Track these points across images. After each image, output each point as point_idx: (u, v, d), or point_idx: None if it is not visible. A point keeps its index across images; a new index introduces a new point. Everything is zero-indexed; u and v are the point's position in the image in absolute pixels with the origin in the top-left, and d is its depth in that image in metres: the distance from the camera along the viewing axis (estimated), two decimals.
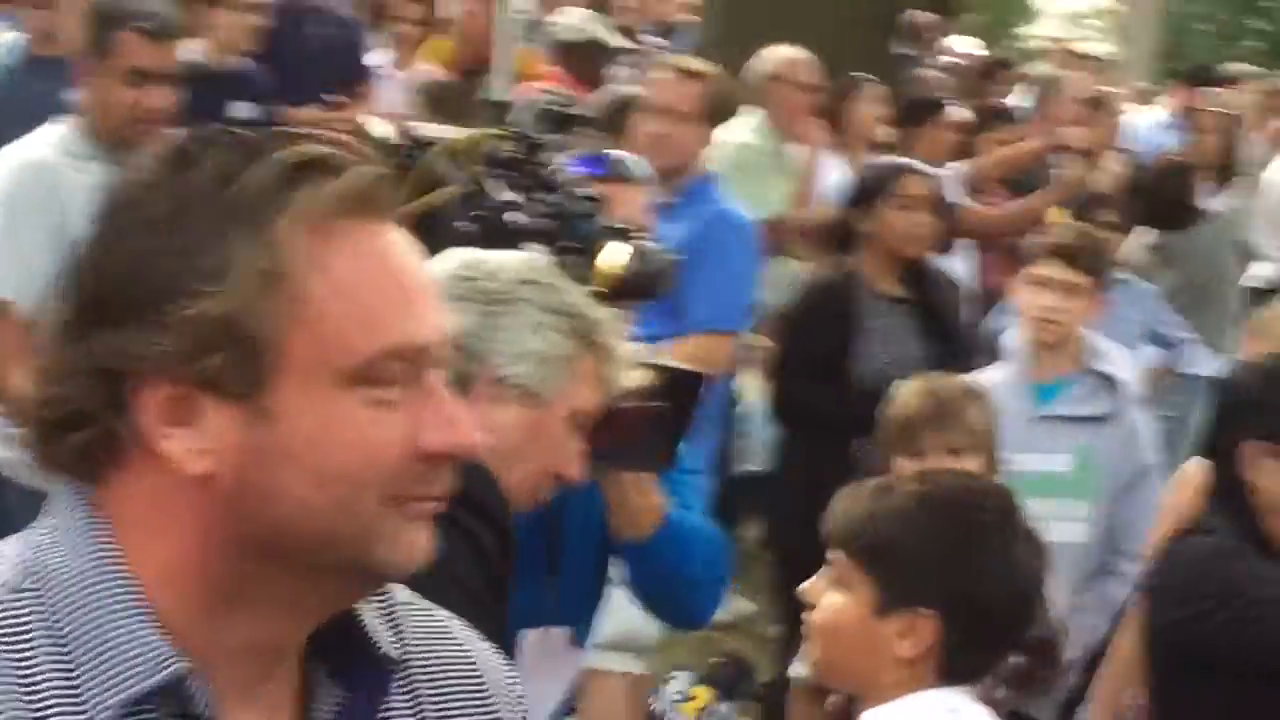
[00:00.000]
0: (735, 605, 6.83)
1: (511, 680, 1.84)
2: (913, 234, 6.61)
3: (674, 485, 3.70)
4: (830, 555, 3.18)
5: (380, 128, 3.79)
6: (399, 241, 1.65)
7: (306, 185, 1.57)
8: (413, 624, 1.77)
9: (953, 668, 3.07)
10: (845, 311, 6.48)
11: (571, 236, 3.61)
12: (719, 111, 6.39)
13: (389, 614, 1.74)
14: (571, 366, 3.09)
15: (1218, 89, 11.88)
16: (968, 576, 3.06)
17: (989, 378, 5.76)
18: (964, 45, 15.06)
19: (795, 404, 6.58)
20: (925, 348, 6.51)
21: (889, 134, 9.31)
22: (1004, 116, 10.09)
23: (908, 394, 4.87)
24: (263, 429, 1.55)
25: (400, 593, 1.77)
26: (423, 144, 3.72)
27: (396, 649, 1.71)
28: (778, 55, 8.57)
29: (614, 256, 3.59)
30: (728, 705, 3.16)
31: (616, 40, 9.32)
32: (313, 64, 8.61)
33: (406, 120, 3.99)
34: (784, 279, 7.39)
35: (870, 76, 9.49)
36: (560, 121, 3.83)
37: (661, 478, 3.62)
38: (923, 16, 13.37)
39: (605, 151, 4.03)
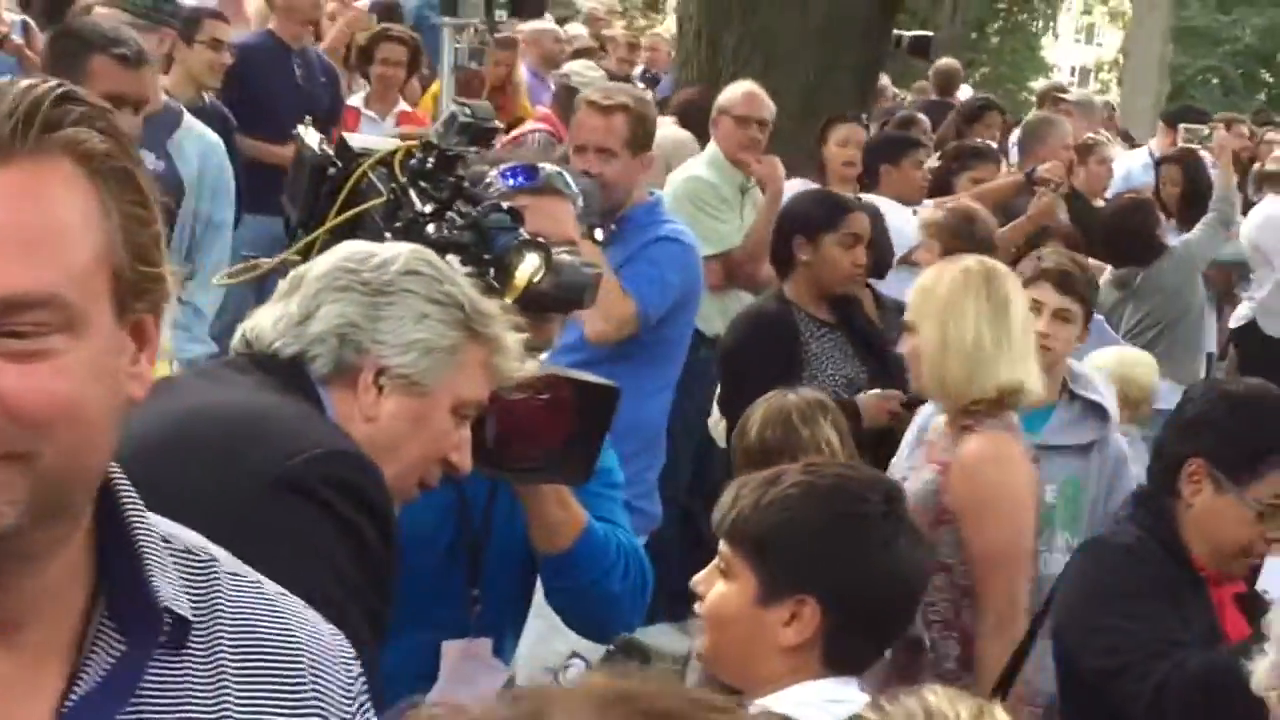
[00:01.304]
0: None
1: (343, 654, 1.87)
2: (849, 272, 6.65)
3: (596, 499, 3.71)
4: (720, 547, 3.21)
5: (312, 137, 3.82)
6: None
7: None
8: (232, 592, 1.81)
9: (836, 658, 3.09)
10: (785, 338, 6.51)
11: (489, 250, 3.64)
12: (649, 138, 6.36)
13: (205, 578, 1.79)
14: (456, 356, 3.09)
15: (1196, 127, 11.93)
16: (849, 565, 3.07)
17: None
18: (962, 91, 15.18)
19: None
20: (863, 369, 6.56)
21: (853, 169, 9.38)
22: (983, 155, 10.12)
23: (755, 420, 4.94)
24: None
25: (228, 563, 1.83)
26: (354, 154, 3.76)
27: (199, 611, 1.75)
28: (731, 90, 8.61)
29: (526, 269, 3.59)
30: None
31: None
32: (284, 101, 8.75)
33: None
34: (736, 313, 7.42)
35: (848, 116, 9.56)
36: (475, 134, 3.86)
37: (582, 492, 3.63)
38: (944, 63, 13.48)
39: (537, 165, 4.05)
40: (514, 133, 9.56)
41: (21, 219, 1.57)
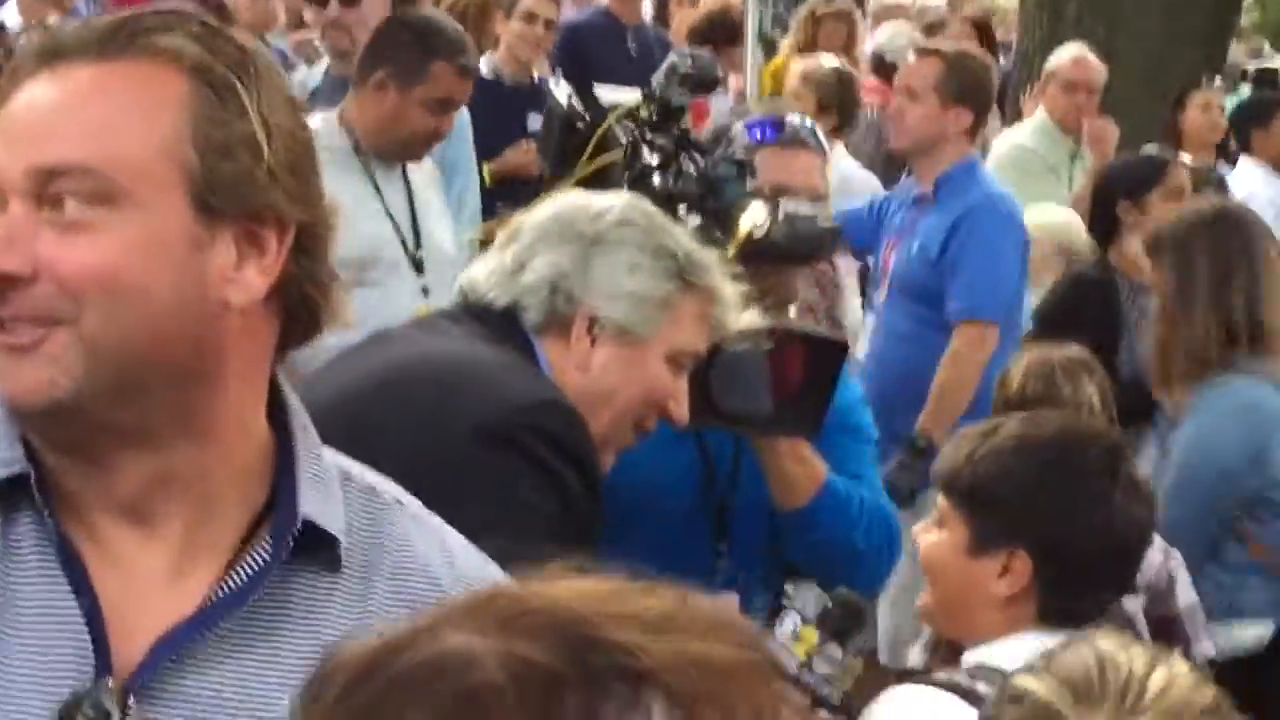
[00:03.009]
0: None
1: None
2: None
3: (845, 454, 3.70)
4: (938, 497, 3.20)
5: (562, 91, 3.91)
6: (49, 82, 1.76)
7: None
8: (408, 533, 1.89)
9: (1051, 611, 3.06)
10: (1105, 304, 6.40)
11: (719, 200, 3.67)
12: (969, 92, 6.30)
13: (382, 516, 1.88)
14: (670, 306, 3.13)
15: None
16: (1060, 518, 3.04)
17: None
18: None
19: None
20: None
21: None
22: None
23: (1019, 370, 4.88)
24: None
25: (414, 508, 1.93)
26: (603, 108, 3.83)
27: (361, 540, 1.84)
28: (1059, 53, 8.47)
29: (750, 219, 3.61)
30: (837, 648, 3.18)
31: None
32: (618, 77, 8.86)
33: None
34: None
35: (1204, 82, 9.38)
36: (696, 84, 3.89)
37: (832, 446, 3.64)
38: None
39: (784, 118, 4.07)
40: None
41: (85, 106, 1.74)
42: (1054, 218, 7.13)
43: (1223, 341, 5.04)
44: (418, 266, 5.42)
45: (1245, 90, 11.89)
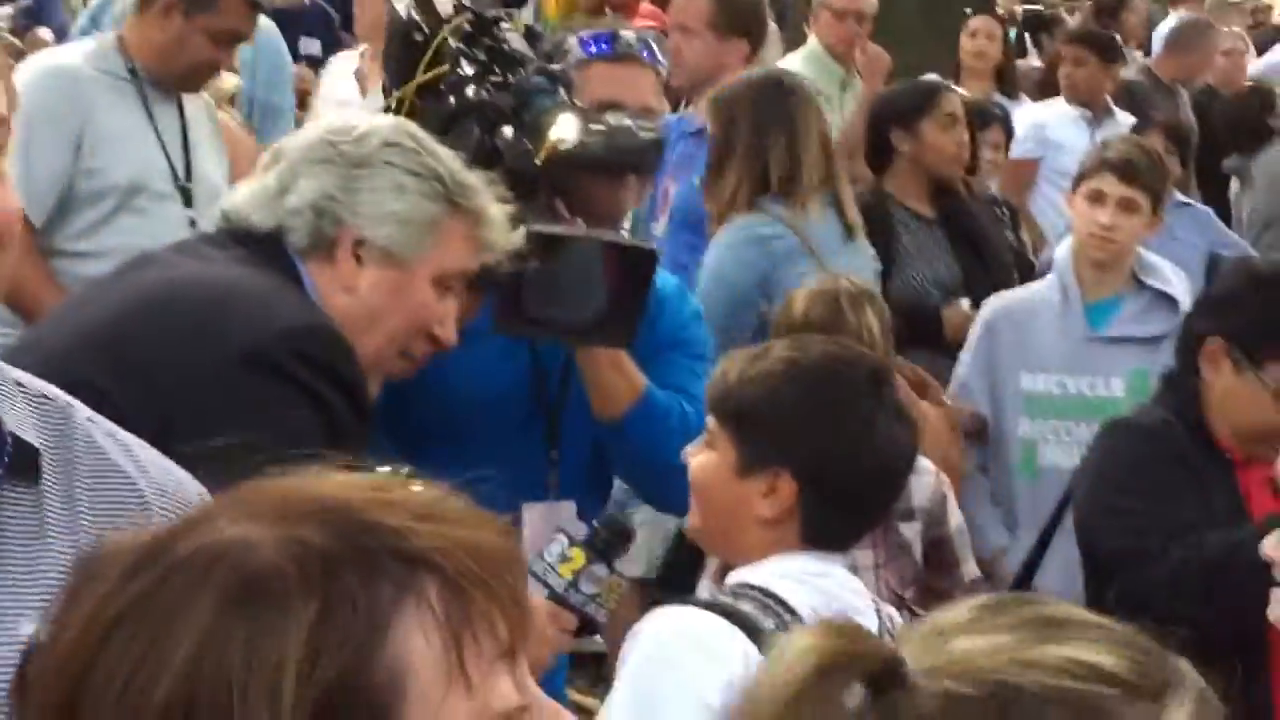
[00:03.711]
0: None
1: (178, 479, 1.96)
2: (954, 152, 6.59)
3: (670, 367, 3.73)
4: (707, 418, 3.22)
5: (400, 2, 3.90)
6: None
7: None
8: (88, 436, 1.90)
9: (815, 533, 3.09)
10: (879, 233, 6.47)
11: (530, 112, 3.66)
12: (743, 22, 6.31)
13: (60, 420, 1.89)
14: (437, 228, 3.13)
15: None
16: (825, 440, 3.07)
17: (1037, 294, 5.71)
18: None
19: None
20: (960, 265, 6.51)
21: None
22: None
23: (804, 296, 4.93)
24: None
25: (84, 410, 1.93)
26: (440, 19, 3.81)
27: (51, 448, 1.84)
28: None
29: (559, 130, 3.60)
30: (603, 568, 3.21)
31: None
32: None
33: None
34: None
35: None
36: None
37: (657, 359, 3.67)
38: None
39: (618, 33, 4.07)
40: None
41: None
42: None
43: (753, 190, 5.52)
44: (186, 198, 5.32)
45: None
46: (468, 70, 3.71)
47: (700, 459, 3.19)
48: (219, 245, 3.13)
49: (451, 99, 3.68)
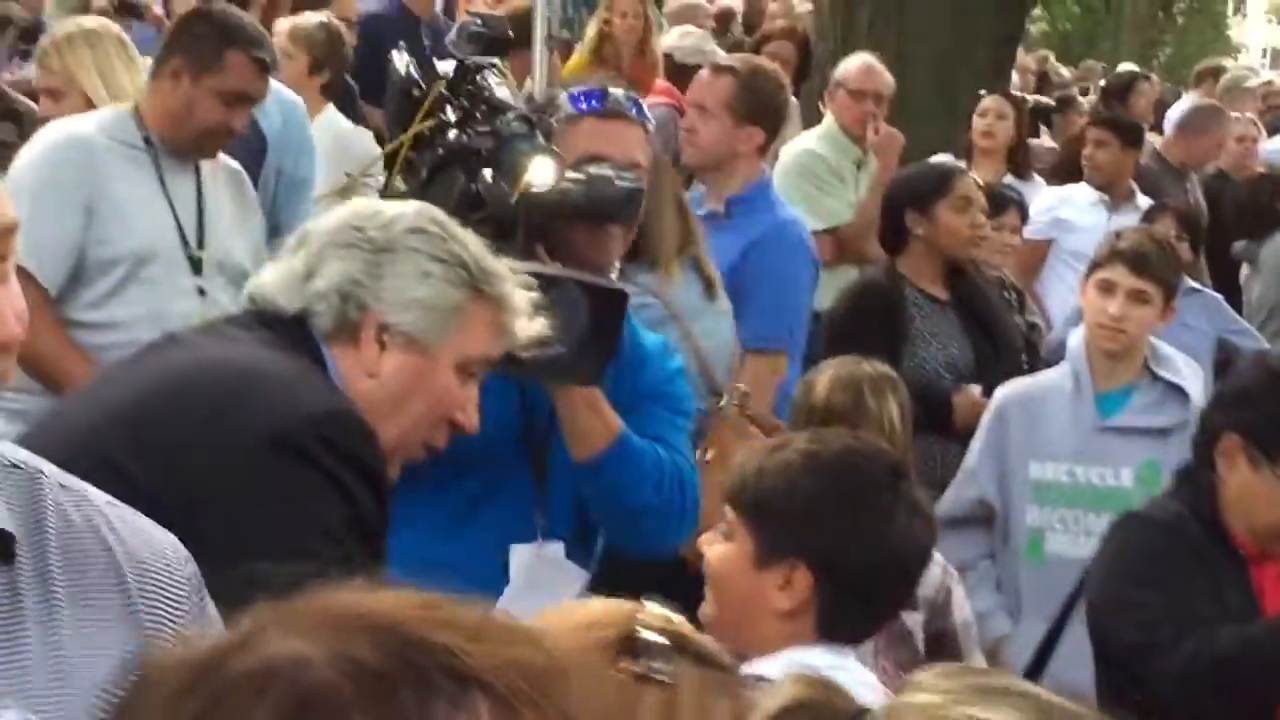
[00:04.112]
0: None
1: (177, 555, 1.97)
2: (968, 235, 6.62)
3: (652, 418, 3.80)
4: (725, 509, 3.23)
5: (401, 61, 4.03)
6: None
7: None
8: (60, 505, 1.90)
9: (831, 627, 3.10)
10: (892, 314, 6.48)
11: (509, 156, 3.77)
12: (761, 111, 6.35)
13: (31, 491, 1.88)
14: (460, 315, 3.14)
15: None
16: (842, 532, 3.08)
17: (1049, 382, 5.71)
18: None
19: None
20: (971, 348, 6.52)
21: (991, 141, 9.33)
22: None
23: (825, 382, 4.94)
24: None
25: (57, 476, 1.92)
26: (437, 74, 3.97)
27: (25, 525, 1.84)
28: (846, 62, 8.57)
29: (537, 174, 3.68)
30: None
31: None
32: None
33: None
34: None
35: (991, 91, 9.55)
36: (488, 43, 3.99)
37: (640, 410, 3.76)
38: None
39: (607, 89, 4.11)
40: None
41: None
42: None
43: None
44: (195, 266, 5.33)
45: None
46: (451, 116, 3.84)
47: (718, 549, 3.20)
48: (244, 327, 3.15)
49: (439, 148, 3.81)
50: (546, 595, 3.53)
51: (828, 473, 3.16)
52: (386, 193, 4.02)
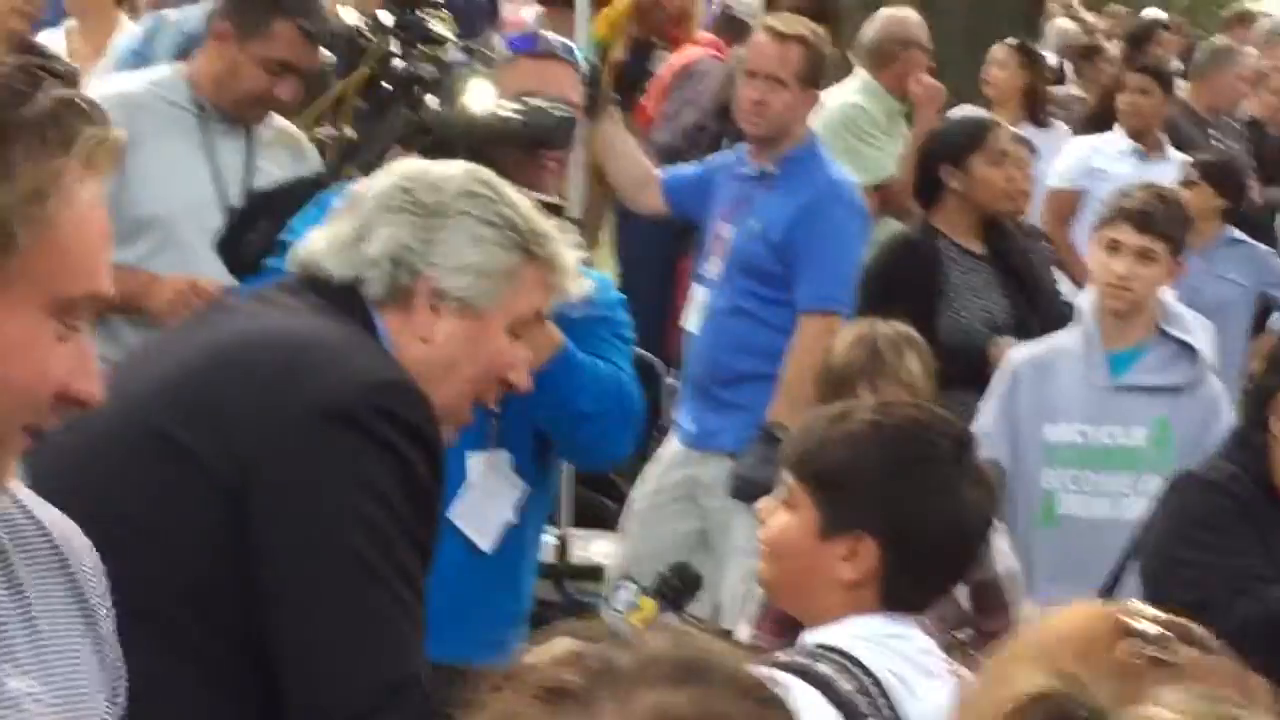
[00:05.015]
0: None
1: (82, 540, 1.98)
2: (1004, 189, 6.61)
3: (596, 340, 4.02)
4: (784, 477, 3.20)
5: (350, 15, 4.29)
6: (101, 198, 1.77)
7: (83, 126, 1.71)
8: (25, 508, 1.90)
9: (894, 596, 3.06)
10: (928, 270, 6.46)
11: (450, 81, 4.01)
12: (821, 74, 6.33)
13: None
14: (513, 278, 3.12)
15: None
16: (909, 505, 3.05)
17: (1061, 343, 5.69)
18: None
19: None
20: (1007, 304, 6.51)
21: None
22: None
23: (843, 342, 4.92)
24: None
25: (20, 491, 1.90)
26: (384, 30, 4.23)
27: None
28: (890, 16, 8.51)
29: (475, 97, 3.90)
30: (674, 616, 3.19)
31: None
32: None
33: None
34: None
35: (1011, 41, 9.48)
36: None
37: (585, 333, 3.98)
38: None
39: (539, 32, 4.40)
40: (680, 60, 9.44)
41: None
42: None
43: None
44: None
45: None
46: (394, 47, 4.08)
47: (779, 519, 3.16)
48: (295, 293, 3.12)
49: (383, 83, 4.06)
50: (497, 498, 3.90)
51: (893, 444, 3.12)
52: (338, 141, 4.26)
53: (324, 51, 4.85)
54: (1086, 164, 8.84)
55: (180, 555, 2.81)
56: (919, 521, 3.04)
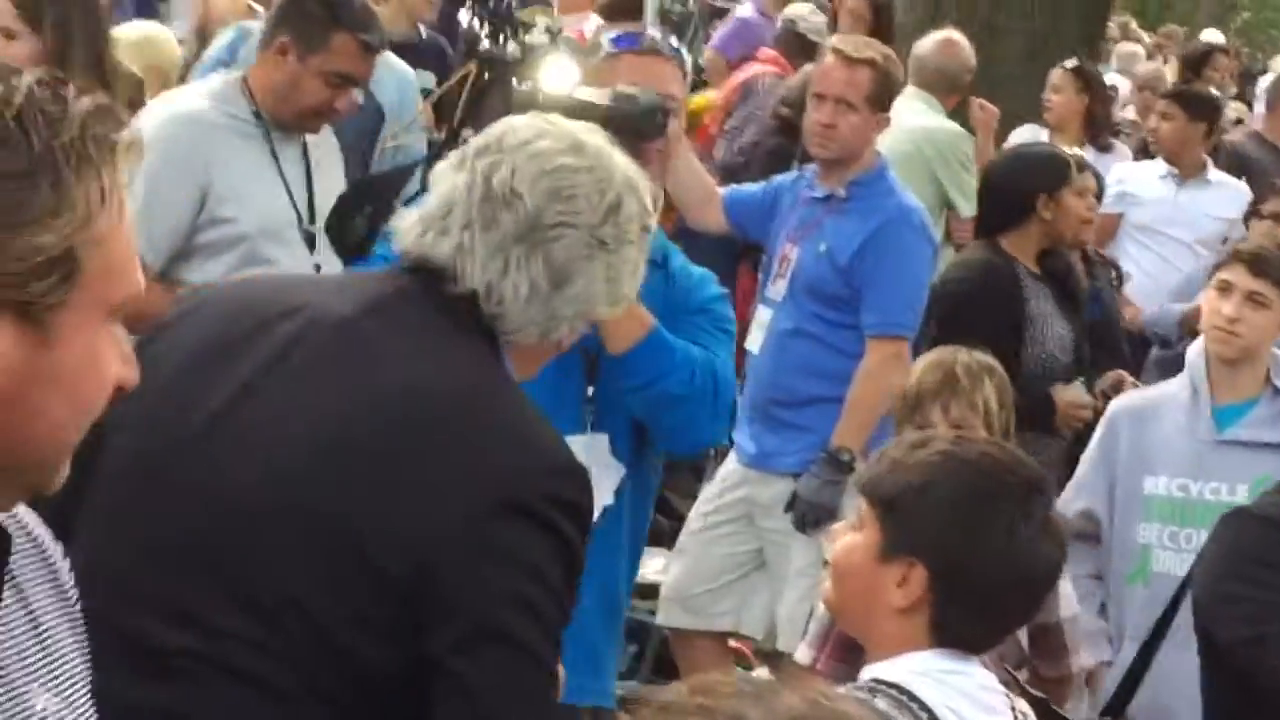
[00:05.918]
0: None
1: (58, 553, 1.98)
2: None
3: (694, 329, 4.05)
4: (859, 501, 3.21)
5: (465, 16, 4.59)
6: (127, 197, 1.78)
7: (112, 131, 1.72)
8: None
9: (947, 630, 3.06)
10: (1015, 296, 6.49)
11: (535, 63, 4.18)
12: (891, 98, 6.34)
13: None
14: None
15: None
16: (959, 538, 3.04)
17: (1165, 392, 5.58)
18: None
19: None
20: (1069, 324, 6.58)
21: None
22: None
23: (923, 364, 4.96)
24: (43, 351, 1.69)
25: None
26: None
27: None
28: (950, 40, 8.53)
29: (551, 74, 4.00)
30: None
31: None
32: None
33: None
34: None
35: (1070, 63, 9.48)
36: None
37: (682, 322, 4.04)
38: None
39: (644, 31, 4.43)
40: (742, 76, 9.49)
41: None
42: None
43: None
44: (310, 242, 5.32)
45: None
46: (482, 31, 4.49)
47: (847, 539, 3.18)
48: (417, 306, 2.98)
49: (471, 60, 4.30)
50: (597, 482, 3.62)
51: (960, 476, 3.11)
52: (455, 145, 4.13)
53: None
54: (1120, 188, 8.87)
55: (344, 640, 2.78)
56: (971, 556, 3.04)
